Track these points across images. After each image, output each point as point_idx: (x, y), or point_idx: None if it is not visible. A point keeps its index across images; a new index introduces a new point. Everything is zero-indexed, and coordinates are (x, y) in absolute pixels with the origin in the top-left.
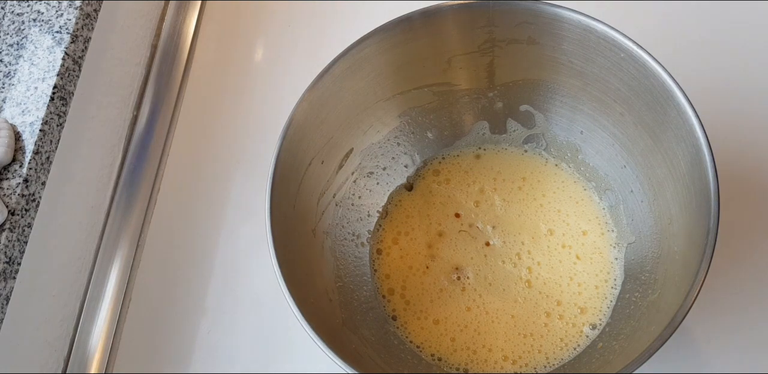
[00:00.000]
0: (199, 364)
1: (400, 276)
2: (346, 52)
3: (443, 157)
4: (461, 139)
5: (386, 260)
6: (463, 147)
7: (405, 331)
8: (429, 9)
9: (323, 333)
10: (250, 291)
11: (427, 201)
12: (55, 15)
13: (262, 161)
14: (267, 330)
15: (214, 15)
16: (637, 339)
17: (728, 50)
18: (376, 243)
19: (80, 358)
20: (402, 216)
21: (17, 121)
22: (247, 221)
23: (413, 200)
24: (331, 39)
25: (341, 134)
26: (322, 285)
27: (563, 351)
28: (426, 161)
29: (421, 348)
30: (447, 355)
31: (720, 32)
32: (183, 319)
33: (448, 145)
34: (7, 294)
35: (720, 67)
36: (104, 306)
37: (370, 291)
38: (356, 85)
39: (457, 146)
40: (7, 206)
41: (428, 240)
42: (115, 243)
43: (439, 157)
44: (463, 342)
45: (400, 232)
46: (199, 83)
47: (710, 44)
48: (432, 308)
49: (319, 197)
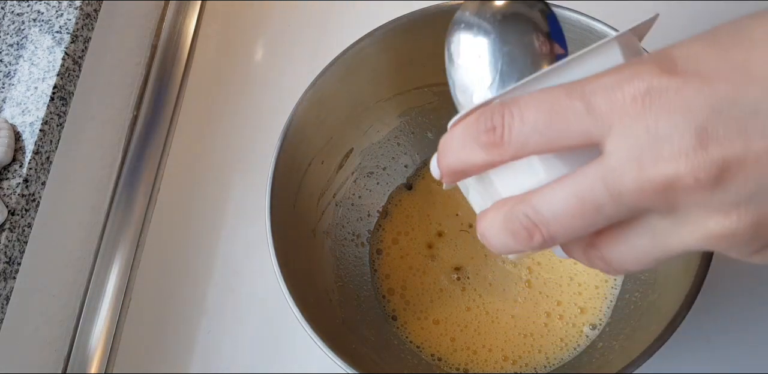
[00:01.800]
0: (199, 364)
1: (400, 276)
2: (346, 52)
3: None
4: None
5: (386, 260)
6: None
7: (405, 331)
8: (429, 9)
9: (323, 333)
10: (250, 291)
11: (427, 201)
12: (55, 15)
13: (262, 161)
14: (267, 330)
15: (214, 15)
16: (638, 339)
17: None
18: (376, 243)
19: (80, 358)
20: (402, 216)
21: (17, 121)
22: (246, 221)
23: (413, 200)
24: (331, 39)
25: (341, 134)
26: (322, 285)
27: (563, 351)
28: (426, 161)
29: (421, 349)
30: (447, 355)
31: None
32: (183, 319)
33: None
34: (7, 294)
35: None
36: (104, 306)
37: (370, 291)
38: (356, 85)
39: None
40: (7, 206)
41: (428, 240)
42: (115, 243)
43: None
44: (463, 342)
45: (400, 232)
46: (199, 83)
47: None
48: (432, 308)
49: (319, 197)
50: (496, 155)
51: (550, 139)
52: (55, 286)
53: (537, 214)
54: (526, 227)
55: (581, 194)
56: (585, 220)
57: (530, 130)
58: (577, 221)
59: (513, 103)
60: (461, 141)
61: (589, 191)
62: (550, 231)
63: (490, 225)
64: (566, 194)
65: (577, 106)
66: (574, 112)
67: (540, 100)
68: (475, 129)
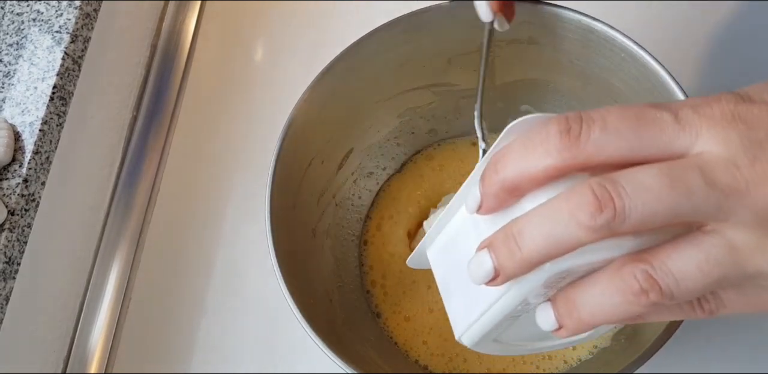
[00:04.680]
0: (199, 364)
1: (382, 266)
2: (346, 52)
3: (438, 143)
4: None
5: (370, 250)
6: (460, 135)
7: (387, 328)
8: (429, 9)
9: (323, 333)
10: (250, 291)
11: (417, 185)
12: (54, 15)
13: (262, 161)
14: (267, 330)
15: (214, 15)
16: (638, 339)
17: (730, 50)
18: (364, 234)
19: (80, 358)
20: (388, 199)
21: (17, 120)
22: (247, 221)
23: (402, 183)
24: (331, 39)
25: (341, 134)
26: (322, 285)
27: (552, 360)
28: (420, 149)
29: (407, 353)
30: (427, 360)
31: (722, 32)
32: (183, 319)
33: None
34: (7, 294)
35: (722, 68)
36: (104, 306)
37: (364, 289)
38: (356, 85)
39: (454, 135)
40: (7, 206)
41: (411, 226)
42: (114, 243)
43: (434, 144)
44: (435, 348)
45: (383, 217)
46: (199, 83)
47: (712, 44)
48: (404, 301)
49: (319, 197)
50: (566, 157)
51: (633, 146)
52: (55, 286)
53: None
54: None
55: (673, 179)
56: (672, 204)
57: (613, 133)
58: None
59: (594, 111)
60: (523, 150)
61: (684, 179)
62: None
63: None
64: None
65: (665, 116)
66: (661, 120)
67: (624, 109)
68: (544, 135)
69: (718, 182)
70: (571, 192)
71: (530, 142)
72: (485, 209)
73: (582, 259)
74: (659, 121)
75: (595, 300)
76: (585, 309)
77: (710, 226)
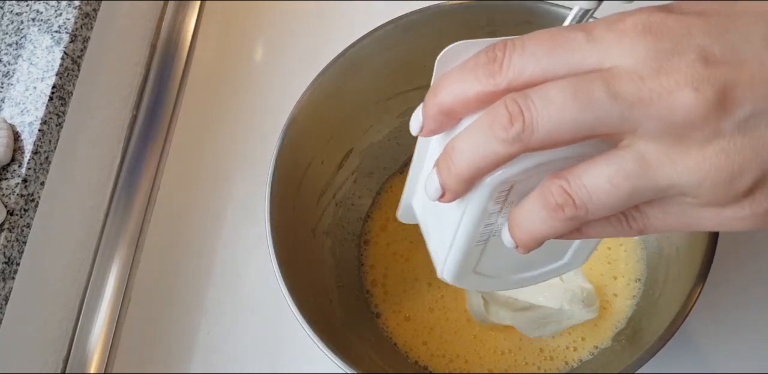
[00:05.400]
0: (199, 364)
1: (384, 265)
2: (346, 51)
3: None
4: None
5: (373, 250)
6: None
7: (387, 328)
8: (429, 9)
9: (323, 333)
10: (250, 291)
11: None
12: (54, 14)
13: (262, 161)
14: (267, 330)
15: (214, 15)
16: (638, 339)
17: None
18: (364, 235)
19: (80, 358)
20: (391, 199)
21: (16, 120)
22: (247, 221)
23: (403, 182)
24: (331, 39)
25: (341, 134)
26: (322, 285)
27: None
28: None
29: (407, 353)
30: (427, 361)
31: None
32: (183, 319)
33: None
34: (7, 294)
35: None
36: (104, 306)
37: (363, 289)
38: (356, 85)
39: None
40: (6, 206)
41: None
42: (114, 243)
43: None
44: (435, 348)
45: (388, 218)
46: (199, 83)
47: None
48: (405, 300)
49: (319, 197)
50: (491, 84)
51: (547, 67)
52: (54, 286)
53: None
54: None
55: (583, 102)
56: (580, 121)
57: (529, 58)
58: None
59: (517, 38)
60: (458, 76)
61: (587, 91)
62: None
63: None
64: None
65: (578, 35)
66: (574, 40)
67: (543, 33)
68: (474, 62)
69: (621, 93)
70: (491, 108)
71: (463, 69)
72: (426, 131)
73: (511, 171)
74: (572, 41)
75: (529, 216)
76: (523, 226)
77: (625, 141)
